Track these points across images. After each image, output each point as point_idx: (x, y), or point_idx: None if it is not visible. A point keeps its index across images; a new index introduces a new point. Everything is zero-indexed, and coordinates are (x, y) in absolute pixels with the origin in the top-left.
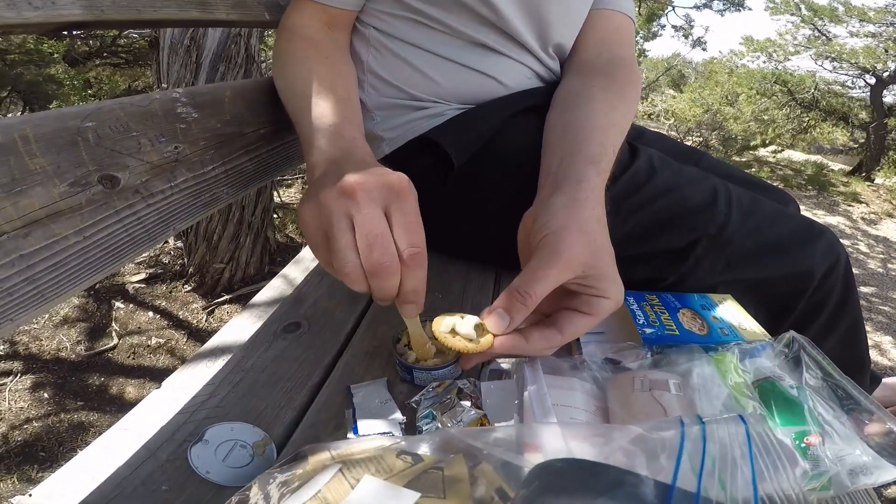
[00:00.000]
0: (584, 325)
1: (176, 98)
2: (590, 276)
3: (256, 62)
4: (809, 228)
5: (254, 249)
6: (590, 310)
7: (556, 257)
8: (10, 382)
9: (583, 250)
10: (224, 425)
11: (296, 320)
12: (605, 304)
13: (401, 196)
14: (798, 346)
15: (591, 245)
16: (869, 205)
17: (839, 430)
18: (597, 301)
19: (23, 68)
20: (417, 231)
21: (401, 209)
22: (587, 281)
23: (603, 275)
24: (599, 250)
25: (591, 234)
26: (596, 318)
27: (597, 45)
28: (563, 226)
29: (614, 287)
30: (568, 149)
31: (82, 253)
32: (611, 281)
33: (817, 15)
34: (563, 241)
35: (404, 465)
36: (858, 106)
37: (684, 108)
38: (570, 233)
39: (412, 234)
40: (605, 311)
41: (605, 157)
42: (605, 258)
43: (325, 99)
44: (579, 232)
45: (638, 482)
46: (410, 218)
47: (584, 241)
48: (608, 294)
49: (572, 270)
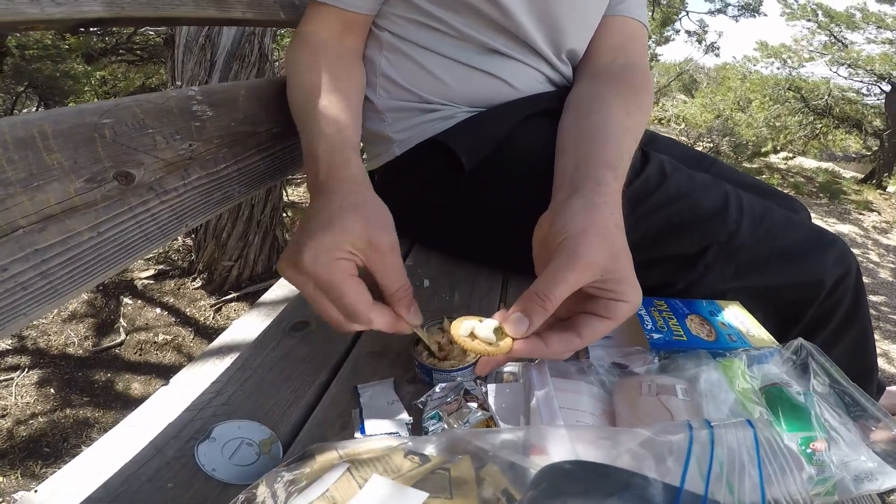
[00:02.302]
0: (602, 329)
1: (192, 96)
2: (609, 279)
3: (270, 61)
4: (821, 237)
5: (262, 247)
6: (608, 313)
7: (574, 261)
8: (18, 377)
9: (602, 254)
10: (231, 423)
11: (304, 319)
12: (624, 307)
13: (374, 249)
14: (806, 353)
15: (609, 249)
16: (881, 213)
17: (845, 437)
18: (615, 305)
19: (40, 64)
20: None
21: (378, 262)
22: (606, 285)
23: (622, 279)
24: (618, 254)
25: (610, 238)
26: (614, 321)
27: (611, 51)
28: (583, 229)
29: (632, 291)
30: (584, 153)
31: (96, 248)
32: (629, 284)
33: (834, 21)
34: (581, 244)
35: (412, 466)
36: (873, 113)
37: (695, 113)
38: (588, 236)
39: (391, 282)
40: (624, 315)
41: (622, 163)
42: (623, 262)
43: (316, 117)
44: (598, 236)
45: (646, 484)
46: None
47: (602, 244)
48: (627, 298)
49: (591, 274)
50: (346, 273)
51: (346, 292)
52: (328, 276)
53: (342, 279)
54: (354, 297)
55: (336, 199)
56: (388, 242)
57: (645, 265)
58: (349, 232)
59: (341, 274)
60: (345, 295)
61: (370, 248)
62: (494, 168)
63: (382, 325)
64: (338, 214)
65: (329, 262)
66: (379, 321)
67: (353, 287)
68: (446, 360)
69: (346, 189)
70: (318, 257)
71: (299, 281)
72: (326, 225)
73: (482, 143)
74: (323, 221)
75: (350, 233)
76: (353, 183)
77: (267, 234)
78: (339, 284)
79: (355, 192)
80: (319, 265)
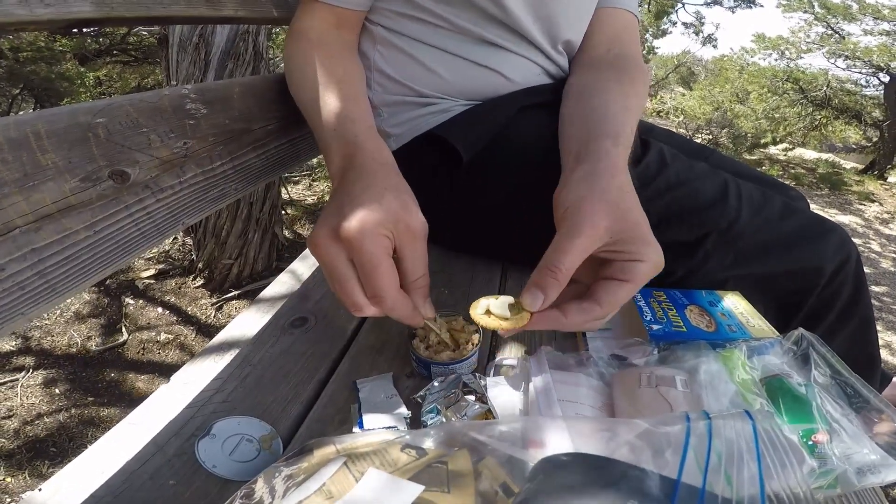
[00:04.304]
0: (623, 293)
1: (185, 94)
2: (619, 240)
3: (265, 59)
4: (820, 224)
5: (262, 245)
6: (625, 276)
7: (577, 228)
8: (23, 378)
9: (605, 217)
10: (231, 420)
11: (303, 315)
12: (641, 267)
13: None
14: (807, 344)
15: (613, 212)
16: (882, 204)
17: (847, 428)
18: (632, 266)
19: (35, 66)
20: (420, 265)
21: (409, 246)
22: (617, 246)
23: (634, 237)
24: (625, 214)
25: (613, 200)
26: (634, 283)
27: (606, 42)
28: (582, 196)
29: (649, 249)
30: (586, 131)
31: (93, 247)
32: (644, 243)
33: (831, 13)
34: (582, 210)
35: (409, 459)
36: (872, 104)
37: (694, 105)
38: (589, 202)
39: (417, 268)
40: (644, 275)
41: (624, 133)
42: (633, 220)
43: (329, 103)
44: (600, 201)
45: (643, 476)
46: (416, 252)
47: (605, 208)
48: (643, 257)
49: (599, 238)
50: (386, 251)
51: (383, 271)
52: (371, 248)
53: (383, 256)
54: (388, 279)
55: (379, 181)
56: (421, 228)
57: None
58: (393, 212)
59: (383, 251)
60: (381, 273)
61: (407, 231)
62: (491, 160)
63: (402, 313)
64: (383, 194)
65: (375, 236)
66: (399, 309)
67: (389, 267)
68: (444, 352)
69: (385, 173)
70: (364, 228)
71: (333, 252)
72: (375, 199)
73: (479, 135)
74: (371, 196)
75: (393, 213)
76: (391, 168)
77: (266, 232)
78: (380, 261)
79: (396, 177)
80: (367, 236)
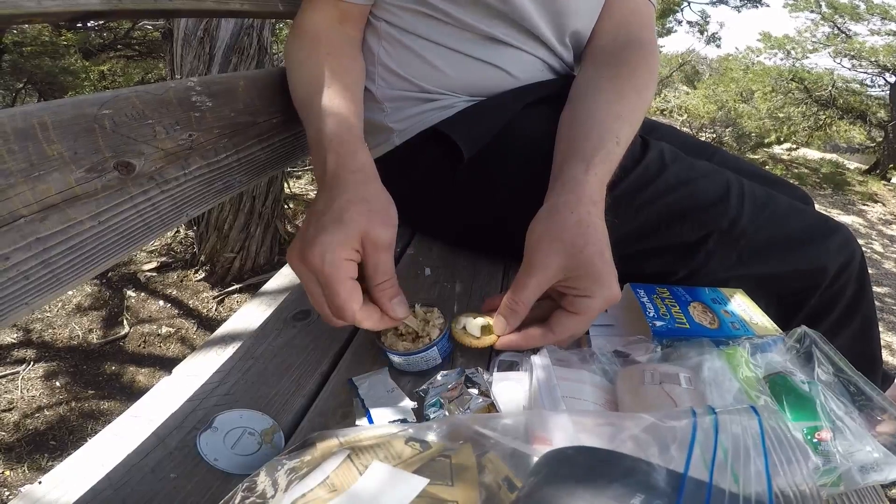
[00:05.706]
0: (572, 324)
1: (191, 87)
2: (570, 277)
3: (269, 54)
4: (824, 224)
5: (264, 239)
6: (574, 309)
7: (533, 267)
8: (24, 370)
9: (557, 257)
10: (233, 412)
11: (305, 308)
12: (589, 303)
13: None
14: (810, 342)
15: (567, 250)
16: (885, 204)
17: (850, 426)
18: (580, 301)
19: (39, 60)
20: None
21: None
22: (569, 283)
23: (585, 275)
24: (579, 252)
25: (568, 239)
26: (583, 316)
27: (613, 29)
28: (540, 236)
29: (597, 286)
30: (566, 149)
31: (97, 237)
32: (593, 281)
33: (838, 12)
34: (537, 251)
35: (412, 452)
36: (877, 104)
37: (698, 104)
38: (547, 241)
39: (379, 274)
40: (592, 310)
41: (601, 151)
42: (586, 258)
43: (316, 104)
44: (555, 240)
45: (650, 470)
46: (380, 261)
47: (558, 247)
48: (592, 294)
49: (553, 276)
50: (346, 274)
51: (340, 292)
52: (330, 272)
53: (340, 280)
54: (345, 298)
55: (345, 194)
56: (385, 240)
57: (645, 254)
58: (356, 227)
59: (342, 274)
60: (339, 295)
61: (370, 243)
62: (494, 157)
63: (368, 325)
64: (346, 210)
65: (334, 262)
66: (366, 322)
67: (347, 289)
68: (401, 343)
69: (354, 181)
70: (325, 255)
71: (302, 272)
72: (336, 221)
73: (481, 132)
74: (333, 217)
75: (356, 228)
76: (361, 175)
77: (269, 226)
78: (336, 285)
79: (364, 185)
80: (326, 263)
